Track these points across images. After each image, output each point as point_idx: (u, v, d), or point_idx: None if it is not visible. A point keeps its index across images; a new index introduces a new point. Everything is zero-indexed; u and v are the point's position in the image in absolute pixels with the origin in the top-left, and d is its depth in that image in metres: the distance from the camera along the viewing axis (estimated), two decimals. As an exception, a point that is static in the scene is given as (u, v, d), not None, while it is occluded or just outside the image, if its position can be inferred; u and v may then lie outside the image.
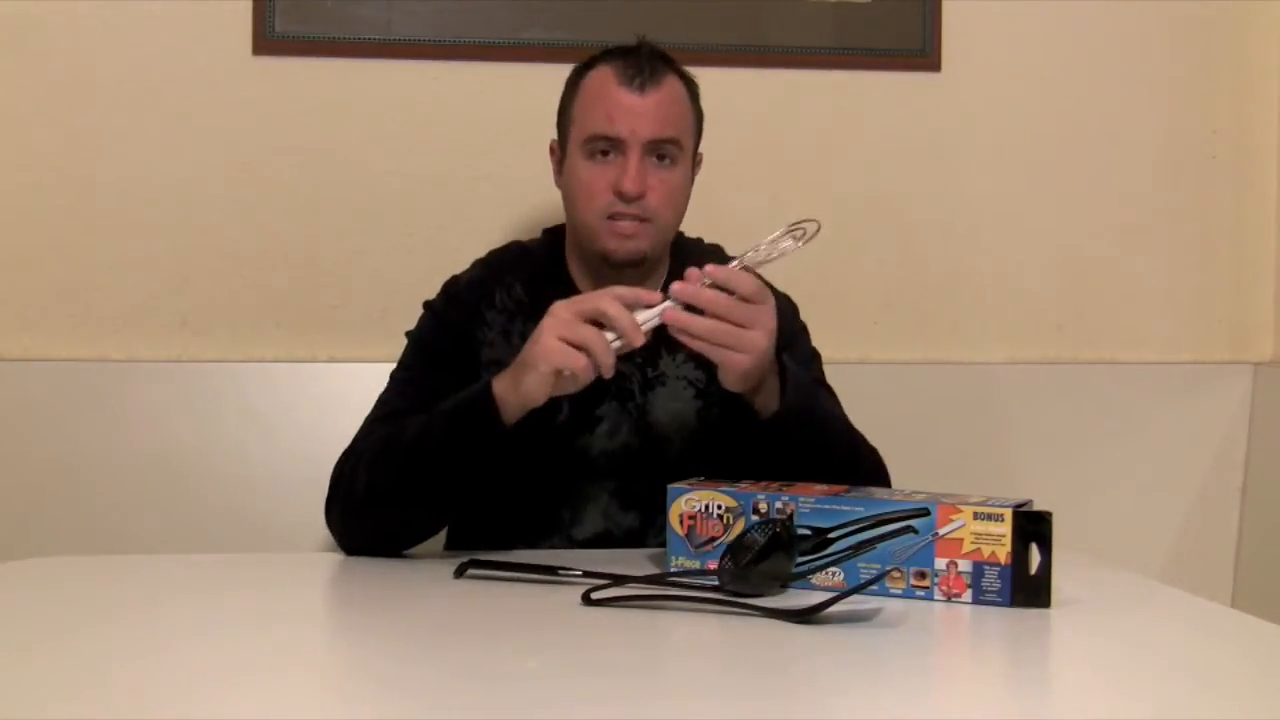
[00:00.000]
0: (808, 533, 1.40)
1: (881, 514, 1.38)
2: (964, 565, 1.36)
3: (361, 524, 1.60)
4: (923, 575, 1.37)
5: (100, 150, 2.15)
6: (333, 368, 2.17)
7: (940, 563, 1.37)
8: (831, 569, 1.39)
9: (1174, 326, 2.39)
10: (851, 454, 1.62)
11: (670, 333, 1.45)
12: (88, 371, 2.13)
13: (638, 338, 1.43)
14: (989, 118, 2.33)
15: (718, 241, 1.84)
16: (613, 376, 1.46)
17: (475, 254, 1.81)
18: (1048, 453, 2.31)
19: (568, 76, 1.73)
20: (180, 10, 2.16)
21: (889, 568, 1.37)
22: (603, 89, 1.66)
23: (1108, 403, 2.35)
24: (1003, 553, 1.35)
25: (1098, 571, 1.57)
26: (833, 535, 1.40)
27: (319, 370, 2.17)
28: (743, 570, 1.35)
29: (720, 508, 1.44)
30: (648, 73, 1.65)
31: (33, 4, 2.13)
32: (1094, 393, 2.34)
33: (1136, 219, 2.38)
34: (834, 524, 1.40)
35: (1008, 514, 1.35)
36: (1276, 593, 2.24)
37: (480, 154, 2.21)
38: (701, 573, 1.42)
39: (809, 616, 1.27)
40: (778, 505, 1.42)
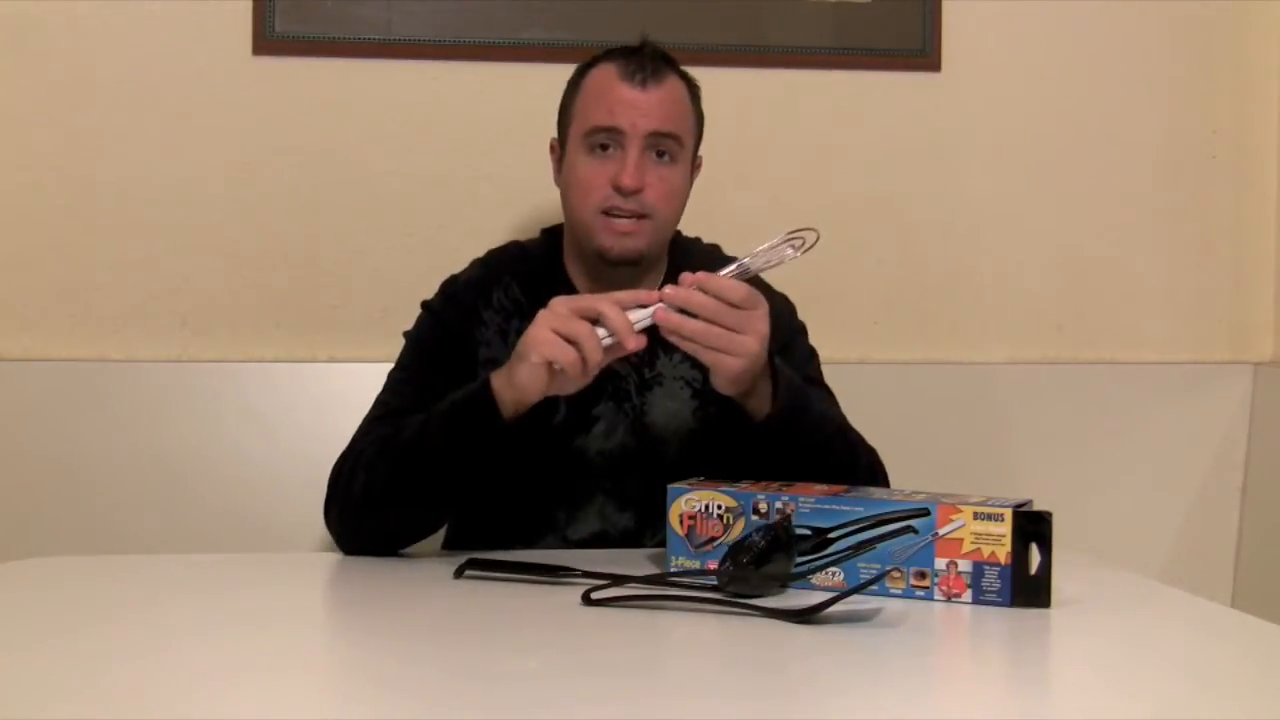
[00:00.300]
0: (808, 533, 1.40)
1: (881, 514, 1.38)
2: (964, 565, 1.36)
3: (360, 523, 1.60)
4: (923, 575, 1.37)
5: (100, 150, 2.15)
6: (333, 368, 2.17)
7: (940, 563, 1.37)
8: (831, 569, 1.39)
9: (1174, 326, 2.39)
10: (847, 455, 1.62)
11: (662, 333, 1.45)
12: (88, 371, 2.13)
13: (631, 340, 1.43)
14: (989, 118, 2.33)
15: (717, 241, 1.84)
16: (610, 377, 1.46)
17: (475, 254, 1.81)
18: (1048, 453, 2.30)
19: (570, 76, 1.73)
20: (180, 10, 2.16)
21: (889, 568, 1.37)
22: (605, 84, 1.67)
23: (1108, 403, 2.34)
24: (1003, 553, 1.35)
25: (1098, 571, 1.57)
26: (833, 535, 1.40)
27: (319, 370, 2.17)
28: (743, 571, 1.35)
29: (720, 508, 1.44)
30: (649, 70, 1.66)
31: (33, 4, 2.13)
32: (1094, 393, 2.34)
33: (1136, 219, 2.38)
34: (834, 524, 1.40)
35: (1008, 514, 1.35)
36: (1276, 593, 2.24)
37: (480, 154, 2.21)
38: (701, 573, 1.42)
39: (809, 616, 1.27)
40: (778, 505, 1.42)
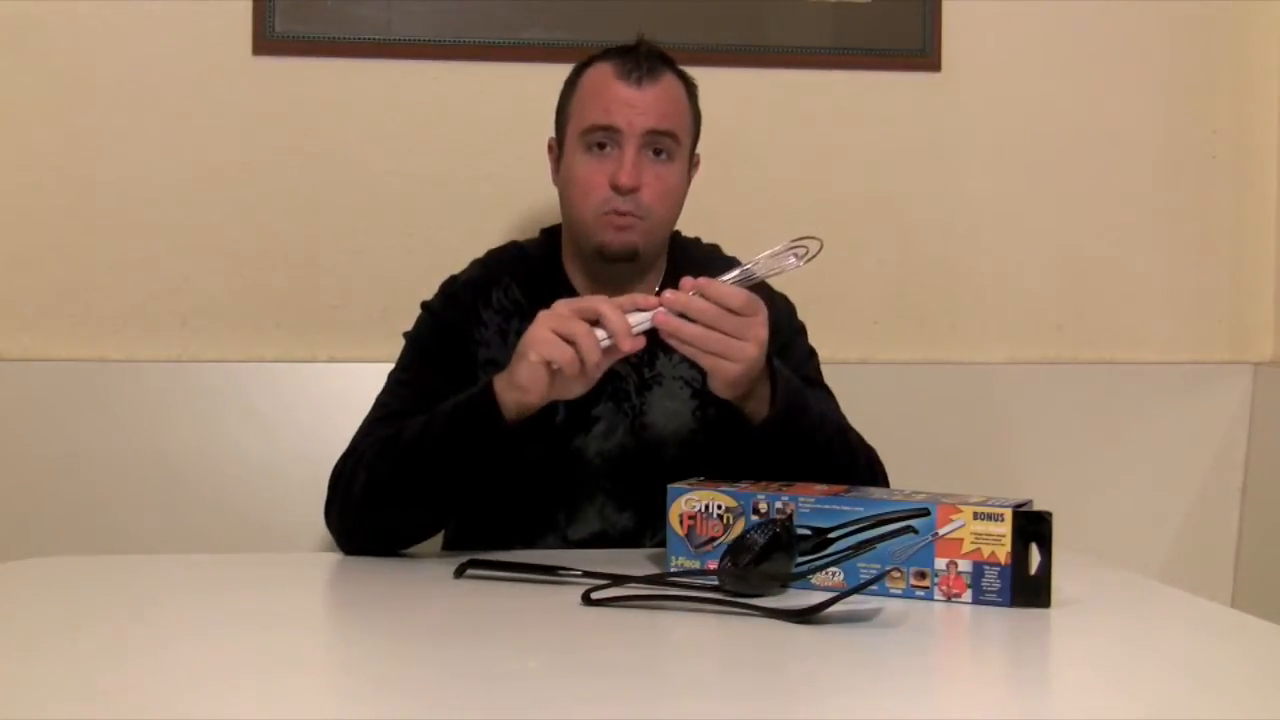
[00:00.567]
0: (808, 533, 1.40)
1: (881, 514, 1.38)
2: (964, 565, 1.36)
3: (361, 524, 1.60)
4: (923, 575, 1.37)
5: (100, 150, 2.15)
6: (333, 368, 2.17)
7: (940, 563, 1.37)
8: (831, 569, 1.39)
9: (1174, 326, 2.39)
10: (846, 456, 1.61)
11: (661, 337, 1.45)
12: (88, 371, 2.13)
13: (626, 343, 1.43)
14: (989, 118, 2.33)
15: (716, 241, 1.84)
16: (609, 377, 1.47)
17: (475, 254, 1.81)
18: (1048, 453, 2.30)
19: (567, 76, 1.73)
20: (180, 10, 2.16)
21: (889, 568, 1.37)
22: (601, 83, 1.67)
23: (1108, 403, 2.34)
24: (1003, 553, 1.35)
25: (1098, 571, 1.57)
26: (833, 535, 1.40)
27: (319, 370, 2.17)
28: (743, 570, 1.35)
29: (720, 508, 1.44)
30: (645, 68, 1.66)
31: (33, 4, 2.13)
32: (1094, 393, 2.34)
33: (1136, 219, 2.37)
34: (834, 524, 1.40)
35: (1008, 514, 1.35)
36: (1276, 593, 2.23)
37: (480, 154, 2.21)
38: (701, 573, 1.42)
39: (809, 616, 1.27)
40: (778, 505, 1.42)
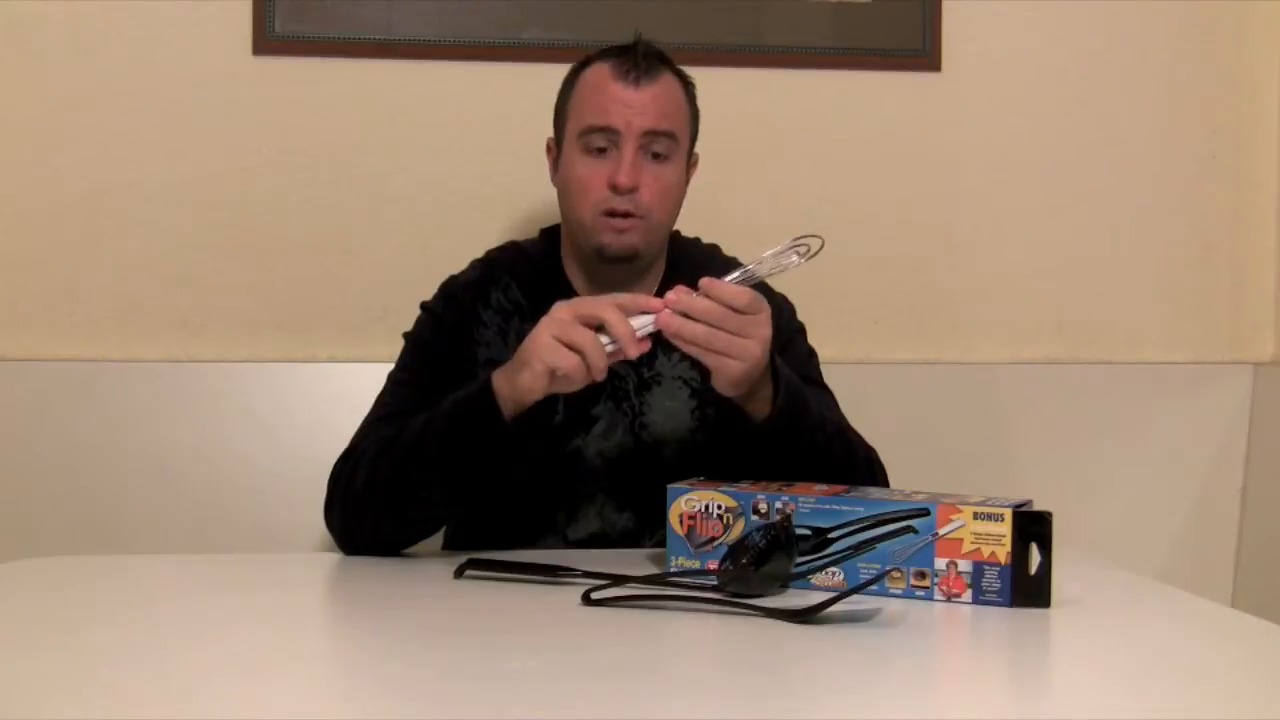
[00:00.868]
0: (808, 533, 1.40)
1: (881, 514, 1.38)
2: (964, 565, 1.36)
3: (361, 524, 1.60)
4: (923, 575, 1.37)
5: (100, 150, 2.15)
6: (333, 368, 2.16)
7: (940, 563, 1.37)
8: (831, 569, 1.39)
9: (1174, 326, 2.39)
10: (846, 456, 1.61)
11: (665, 337, 1.45)
12: (88, 371, 2.13)
13: (633, 348, 1.43)
14: (989, 118, 2.33)
15: (716, 241, 1.84)
16: (609, 377, 1.47)
17: (475, 254, 1.81)
18: (1048, 453, 2.30)
19: (565, 76, 1.73)
20: (180, 10, 2.15)
21: (889, 568, 1.37)
22: (599, 83, 1.67)
23: (1108, 403, 2.34)
24: (1003, 553, 1.35)
25: (1098, 571, 1.57)
26: (833, 535, 1.40)
27: (319, 370, 2.17)
28: (743, 571, 1.35)
29: (720, 508, 1.44)
30: (643, 68, 1.66)
31: (33, 4, 2.13)
32: (1094, 393, 2.34)
33: (1136, 219, 2.37)
34: (834, 524, 1.40)
35: (1008, 514, 1.35)
36: (1276, 593, 2.23)
37: (480, 154, 2.21)
38: (701, 573, 1.42)
39: (809, 616, 1.27)
40: (778, 505, 1.42)
